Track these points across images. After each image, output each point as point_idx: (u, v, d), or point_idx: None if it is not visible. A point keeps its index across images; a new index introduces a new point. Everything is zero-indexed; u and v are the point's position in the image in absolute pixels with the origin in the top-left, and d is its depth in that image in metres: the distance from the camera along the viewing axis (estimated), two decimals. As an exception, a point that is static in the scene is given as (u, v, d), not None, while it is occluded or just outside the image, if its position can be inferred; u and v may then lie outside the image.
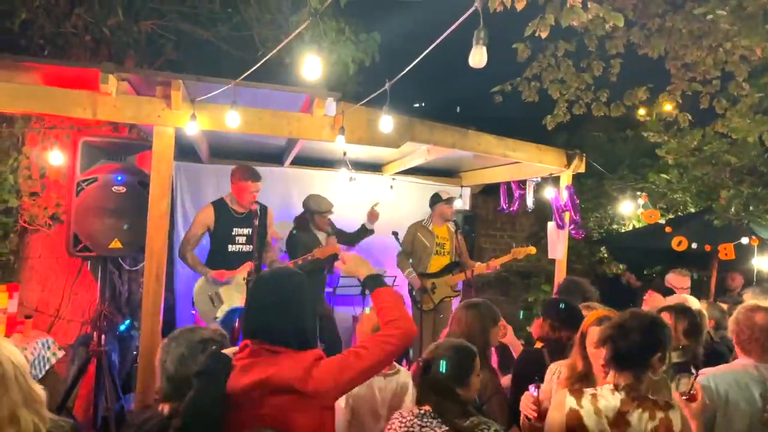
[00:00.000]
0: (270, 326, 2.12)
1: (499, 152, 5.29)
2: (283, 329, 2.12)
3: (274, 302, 2.15)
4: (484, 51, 1.98)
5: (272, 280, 2.26)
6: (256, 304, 2.21)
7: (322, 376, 2.03)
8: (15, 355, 2.26)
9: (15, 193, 4.72)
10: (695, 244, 5.66)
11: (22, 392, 2.14)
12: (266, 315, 2.14)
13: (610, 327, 2.35)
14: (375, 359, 2.11)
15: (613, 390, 2.24)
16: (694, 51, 4.79)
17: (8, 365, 2.15)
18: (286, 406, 2.00)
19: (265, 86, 3.86)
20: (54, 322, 4.82)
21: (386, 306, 2.26)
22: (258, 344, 2.11)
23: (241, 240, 5.02)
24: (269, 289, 2.21)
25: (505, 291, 8.43)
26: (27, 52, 4.77)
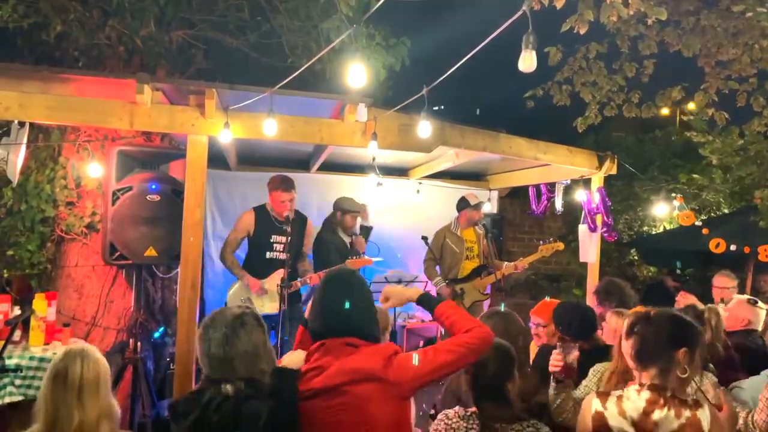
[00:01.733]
0: (347, 322, 2.21)
1: (531, 155, 5.24)
2: (360, 324, 2.23)
3: (349, 299, 2.23)
4: (534, 55, 1.96)
5: (343, 278, 2.35)
6: (330, 302, 2.28)
7: (403, 366, 2.11)
8: (107, 368, 2.39)
9: (52, 203, 4.80)
10: (734, 245, 5.54)
11: (107, 401, 2.25)
12: (343, 311, 2.22)
13: (635, 317, 2.30)
14: (452, 358, 2.14)
15: (638, 390, 2.19)
16: (729, 49, 4.70)
17: (103, 374, 2.28)
18: (368, 394, 2.08)
19: (299, 94, 3.86)
20: (91, 329, 4.88)
21: (457, 318, 2.26)
22: (335, 341, 2.18)
23: (279, 247, 5.07)
24: (342, 287, 2.29)
25: (535, 294, 8.33)
26: (62, 63, 4.85)
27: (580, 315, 3.28)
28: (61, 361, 2.34)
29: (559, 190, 6.27)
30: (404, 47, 5.70)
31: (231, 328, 2.23)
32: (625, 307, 3.78)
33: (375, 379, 2.08)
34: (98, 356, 2.39)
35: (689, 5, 4.75)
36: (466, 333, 2.19)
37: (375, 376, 2.09)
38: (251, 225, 5.08)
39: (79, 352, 2.36)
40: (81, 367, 2.30)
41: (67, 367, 2.31)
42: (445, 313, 2.29)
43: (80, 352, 2.36)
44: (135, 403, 4.56)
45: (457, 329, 2.22)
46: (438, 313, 2.31)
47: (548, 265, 6.98)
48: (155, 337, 5.23)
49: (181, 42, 5.27)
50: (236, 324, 2.24)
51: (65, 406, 2.26)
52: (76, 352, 2.36)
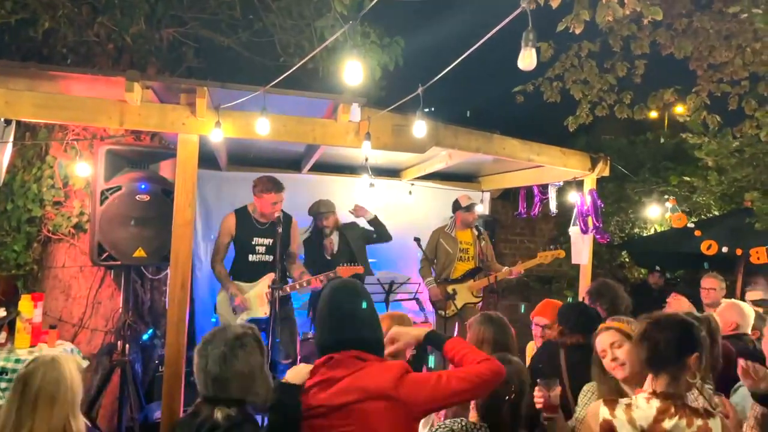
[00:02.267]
0: (358, 335, 2.16)
1: (524, 156, 5.23)
2: (369, 337, 2.18)
3: (358, 311, 2.19)
4: (534, 53, 1.93)
5: (351, 290, 2.28)
6: (339, 314, 2.21)
7: (416, 386, 2.06)
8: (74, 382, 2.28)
9: (39, 203, 4.72)
10: (725, 247, 5.56)
11: (63, 420, 2.14)
12: (352, 324, 2.18)
13: (647, 323, 2.28)
14: (466, 387, 2.09)
15: (648, 398, 2.16)
16: (722, 51, 4.71)
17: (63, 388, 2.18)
18: (376, 413, 2.02)
19: (291, 93, 3.82)
20: (78, 331, 4.80)
21: (468, 352, 2.21)
22: (344, 354, 2.12)
23: (262, 250, 5.01)
24: (351, 299, 2.23)
25: (527, 296, 8.34)
26: (50, 60, 4.77)
27: (580, 310, 3.43)
28: (27, 368, 2.26)
29: (553, 191, 6.28)
30: (398, 47, 5.67)
31: (230, 347, 2.22)
32: (617, 308, 3.79)
33: (384, 397, 2.02)
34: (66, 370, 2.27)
35: (682, 7, 4.76)
36: (480, 364, 2.13)
37: (385, 394, 2.02)
38: (232, 227, 5.01)
39: (48, 361, 2.26)
40: (41, 378, 2.20)
41: (29, 375, 2.22)
42: (455, 348, 2.24)
43: (47, 362, 2.26)
44: (123, 406, 4.49)
45: (468, 362, 2.16)
46: (447, 348, 2.25)
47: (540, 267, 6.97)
48: (144, 339, 5.16)
49: (172, 40, 5.21)
50: (236, 344, 2.23)
51: (19, 415, 2.17)
52: (44, 361, 2.27)
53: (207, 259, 5.89)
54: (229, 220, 5.04)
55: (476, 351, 2.22)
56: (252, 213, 5.04)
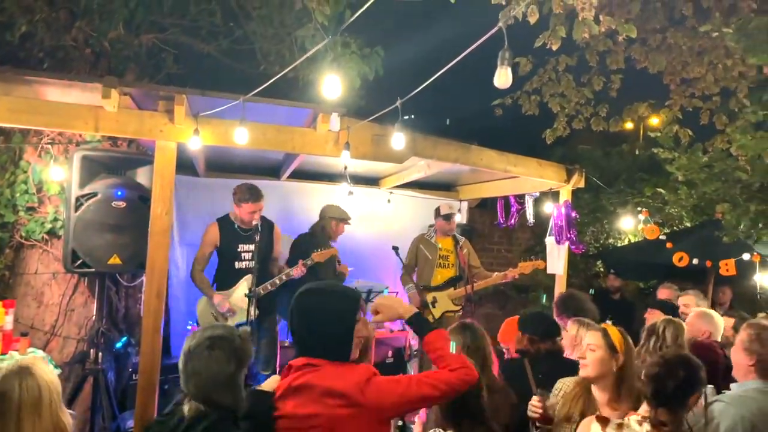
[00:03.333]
0: (311, 340, 2.14)
1: (501, 167, 5.29)
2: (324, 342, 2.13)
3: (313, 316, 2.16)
4: (509, 71, 1.96)
5: (314, 294, 2.23)
6: (298, 320, 2.19)
7: (383, 391, 2.05)
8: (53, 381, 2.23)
9: (11, 208, 4.64)
10: (696, 259, 5.67)
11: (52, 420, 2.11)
12: (306, 329, 2.16)
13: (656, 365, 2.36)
14: (435, 394, 2.10)
15: (641, 421, 2.22)
16: (694, 67, 4.83)
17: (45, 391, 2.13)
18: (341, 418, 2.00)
19: (271, 102, 3.82)
20: (50, 339, 4.72)
21: (445, 354, 2.20)
22: (300, 360, 2.12)
23: (247, 256, 4.99)
24: (312, 304, 2.20)
25: (503, 305, 8.40)
26: (26, 64, 4.71)
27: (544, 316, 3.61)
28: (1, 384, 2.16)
29: (530, 202, 6.35)
30: (378, 57, 5.71)
31: (197, 346, 2.18)
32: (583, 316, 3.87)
33: (348, 402, 2.00)
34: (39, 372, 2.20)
35: (656, 23, 4.87)
36: (452, 372, 2.13)
37: (348, 398, 2.01)
38: (216, 237, 4.98)
39: (17, 372, 2.17)
40: (19, 389, 2.12)
41: (6, 391, 2.13)
42: (435, 344, 2.23)
43: (18, 372, 2.17)
44: (95, 415, 4.43)
45: (443, 365, 2.17)
46: (427, 340, 2.24)
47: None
48: (117, 347, 5.09)
49: (151, 46, 5.17)
50: (204, 344, 2.18)
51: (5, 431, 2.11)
52: (13, 372, 2.17)
53: (184, 266, 5.84)
54: (213, 231, 5.00)
55: (450, 356, 2.20)
56: (234, 220, 5.02)
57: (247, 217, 4.88)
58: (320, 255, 5.06)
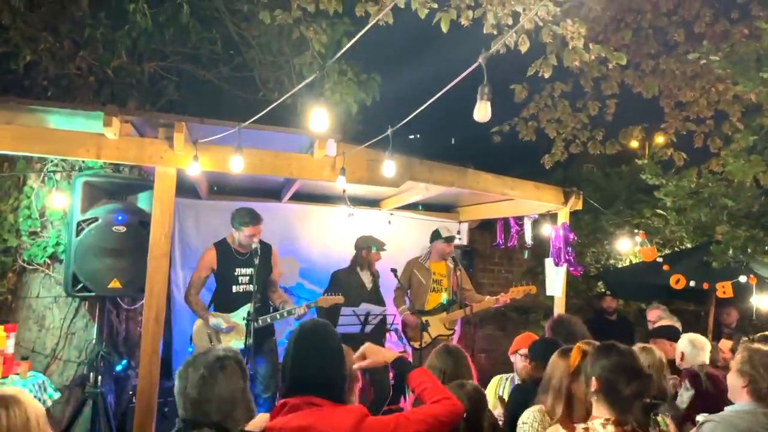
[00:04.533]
0: (314, 379, 2.14)
1: (498, 191, 5.34)
2: (326, 382, 2.14)
3: (318, 355, 2.17)
4: (488, 106, 2.02)
5: (312, 333, 2.25)
6: (296, 359, 2.19)
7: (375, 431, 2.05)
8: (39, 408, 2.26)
9: (14, 233, 4.72)
10: (693, 282, 5.67)
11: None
12: (310, 368, 2.15)
13: (609, 370, 2.37)
14: (424, 428, 2.10)
15: (605, 423, 2.25)
16: (687, 91, 4.90)
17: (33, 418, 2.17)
18: None
19: (269, 129, 3.90)
20: (50, 362, 4.77)
21: (428, 387, 2.24)
22: (297, 399, 2.11)
23: (244, 280, 5.00)
24: (311, 343, 2.21)
25: (503, 326, 8.37)
26: (30, 93, 4.82)
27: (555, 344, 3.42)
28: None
29: (528, 223, 6.39)
30: (375, 83, 5.80)
31: (209, 370, 2.19)
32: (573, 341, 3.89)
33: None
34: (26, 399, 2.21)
35: (649, 49, 4.94)
36: (435, 403, 2.16)
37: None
38: (213, 262, 5.00)
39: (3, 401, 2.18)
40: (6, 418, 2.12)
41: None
42: (417, 380, 2.28)
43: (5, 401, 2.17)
44: (94, 438, 4.45)
45: (427, 397, 2.20)
46: (411, 377, 2.30)
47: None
48: (117, 370, 5.12)
49: (153, 73, 5.29)
50: (216, 366, 2.20)
51: None
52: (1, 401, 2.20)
53: (185, 288, 5.88)
54: (210, 255, 5.02)
55: (437, 387, 2.25)
56: (231, 244, 5.04)
57: (246, 241, 4.91)
58: (325, 300, 5.12)
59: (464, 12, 3.99)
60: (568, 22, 3.77)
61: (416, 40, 7.87)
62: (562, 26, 3.86)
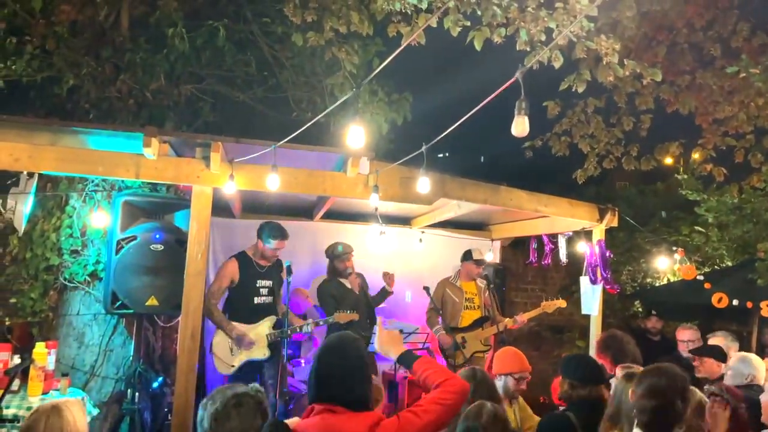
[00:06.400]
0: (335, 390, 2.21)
1: (531, 208, 5.29)
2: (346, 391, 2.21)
3: (343, 366, 2.24)
4: (527, 120, 2.02)
5: (337, 345, 2.33)
6: (321, 368, 2.27)
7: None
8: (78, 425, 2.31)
9: (57, 251, 4.85)
10: (736, 300, 5.50)
11: None
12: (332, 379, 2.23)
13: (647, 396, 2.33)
14: (433, 416, 2.15)
15: None
16: (725, 107, 4.80)
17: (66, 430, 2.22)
18: None
19: (302, 148, 3.95)
20: (89, 379, 4.85)
21: (430, 372, 2.28)
22: (319, 406, 2.20)
23: (264, 292, 5.09)
24: (335, 354, 2.29)
25: (537, 346, 8.25)
26: (73, 115, 4.99)
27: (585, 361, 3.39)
28: (29, 419, 2.31)
29: (563, 241, 6.30)
30: (406, 102, 5.84)
31: (224, 406, 2.24)
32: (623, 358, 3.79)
33: None
34: (69, 416, 2.33)
35: (684, 65, 4.87)
36: (436, 388, 2.21)
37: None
38: (236, 273, 5.04)
39: (49, 409, 2.32)
40: (44, 426, 2.26)
41: (32, 427, 2.27)
42: (420, 370, 2.31)
43: (50, 410, 2.32)
44: (131, 455, 4.50)
45: (429, 384, 2.25)
46: (414, 369, 2.33)
47: (552, 316, 6.92)
48: (154, 387, 5.19)
49: (190, 95, 5.42)
50: (230, 403, 2.24)
51: None
52: (46, 409, 2.33)
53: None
54: (232, 266, 5.06)
55: (437, 372, 2.28)
56: (253, 257, 5.11)
57: (271, 253, 5.02)
58: (342, 317, 5.18)
59: (496, 30, 3.99)
60: (602, 37, 3.74)
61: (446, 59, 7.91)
62: (596, 42, 3.83)
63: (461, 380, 2.26)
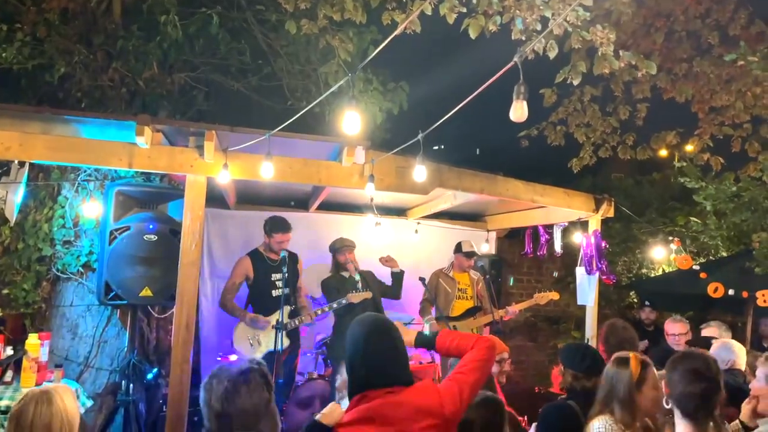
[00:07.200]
0: (392, 371, 2.23)
1: (527, 197, 5.27)
2: (402, 371, 2.25)
3: (393, 347, 2.27)
4: (525, 105, 1.99)
5: (382, 327, 2.33)
6: (375, 352, 2.25)
7: (452, 399, 2.21)
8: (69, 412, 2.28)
9: (49, 242, 4.80)
10: (732, 290, 5.50)
11: None
12: (387, 362, 2.24)
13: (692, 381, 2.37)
14: (479, 374, 2.30)
15: None
16: (722, 95, 4.78)
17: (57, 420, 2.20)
18: None
19: (297, 136, 3.91)
20: (83, 370, 4.82)
21: (459, 340, 2.41)
22: (378, 392, 2.18)
23: (280, 284, 5.19)
24: (383, 336, 2.30)
25: (533, 337, 8.26)
26: (65, 104, 4.92)
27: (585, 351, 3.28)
28: (18, 405, 2.29)
29: (557, 232, 6.29)
30: (403, 92, 5.80)
31: (233, 383, 2.20)
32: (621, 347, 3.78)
33: (436, 417, 2.14)
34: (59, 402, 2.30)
35: (682, 52, 4.84)
36: (473, 350, 2.34)
37: (434, 413, 2.14)
38: (249, 270, 5.20)
39: (39, 395, 2.29)
40: (33, 412, 2.23)
41: (21, 413, 2.25)
42: (446, 341, 2.42)
43: (39, 396, 2.29)
44: (126, 446, 4.47)
45: (464, 349, 2.37)
46: (439, 345, 2.43)
47: (547, 307, 6.92)
48: (148, 378, 5.16)
49: (183, 84, 5.36)
50: (239, 379, 2.21)
51: None
52: (35, 395, 2.30)
53: (214, 298, 5.92)
54: (245, 263, 5.21)
55: (465, 336, 2.41)
56: (264, 252, 5.25)
57: (276, 247, 5.13)
58: (356, 297, 5.25)
59: (492, 18, 3.95)
60: (597, 27, 3.70)
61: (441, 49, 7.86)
62: (591, 32, 3.79)
63: (489, 337, 2.41)
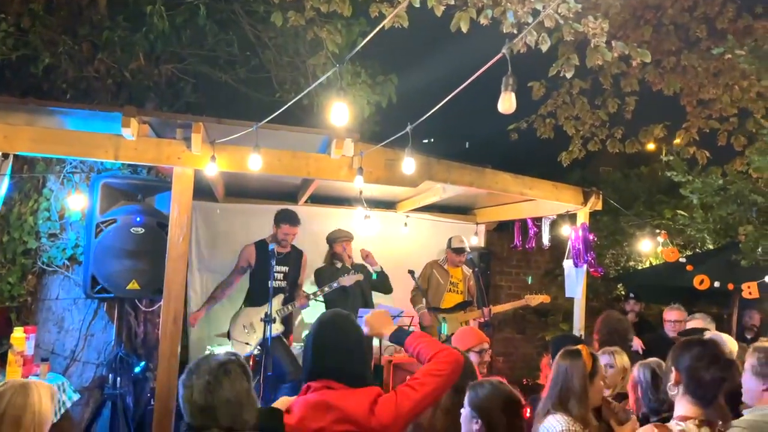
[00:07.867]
0: (332, 367, 2.21)
1: (516, 190, 5.28)
2: (343, 369, 2.21)
3: (336, 346, 2.24)
4: (513, 97, 1.98)
5: (337, 321, 2.33)
6: (319, 345, 2.27)
7: (383, 412, 2.12)
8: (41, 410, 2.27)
9: (34, 235, 4.75)
10: (717, 282, 5.55)
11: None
12: (328, 358, 2.23)
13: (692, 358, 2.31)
14: (429, 389, 2.17)
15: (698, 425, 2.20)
16: (710, 89, 4.81)
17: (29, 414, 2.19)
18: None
19: (286, 129, 3.89)
20: (70, 364, 4.78)
21: (423, 346, 2.29)
22: (319, 383, 2.20)
23: (280, 276, 5.28)
24: (332, 331, 2.29)
25: (522, 329, 8.30)
26: (50, 96, 4.86)
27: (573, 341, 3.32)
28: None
29: (546, 224, 6.32)
30: (391, 84, 5.78)
31: (214, 376, 2.18)
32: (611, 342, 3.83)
33: (356, 425, 2.08)
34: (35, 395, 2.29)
35: (670, 45, 4.86)
36: (430, 361, 2.22)
37: (357, 422, 2.08)
38: (252, 257, 5.33)
39: (18, 386, 2.29)
40: (8, 402, 2.23)
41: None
42: (413, 344, 2.32)
43: (18, 387, 2.29)
44: (113, 440, 4.45)
45: (423, 358, 2.26)
46: (407, 345, 2.34)
47: (534, 299, 7.00)
48: (136, 372, 5.13)
49: (171, 75, 5.31)
50: (220, 372, 2.18)
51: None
52: (14, 385, 2.30)
53: (202, 292, 5.91)
54: (250, 250, 5.37)
55: (429, 344, 2.29)
56: (269, 243, 5.27)
57: (282, 237, 5.26)
58: (347, 279, 5.36)
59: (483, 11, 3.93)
60: (589, 18, 3.70)
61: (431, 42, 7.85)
62: (583, 23, 3.79)
63: (454, 351, 2.26)
